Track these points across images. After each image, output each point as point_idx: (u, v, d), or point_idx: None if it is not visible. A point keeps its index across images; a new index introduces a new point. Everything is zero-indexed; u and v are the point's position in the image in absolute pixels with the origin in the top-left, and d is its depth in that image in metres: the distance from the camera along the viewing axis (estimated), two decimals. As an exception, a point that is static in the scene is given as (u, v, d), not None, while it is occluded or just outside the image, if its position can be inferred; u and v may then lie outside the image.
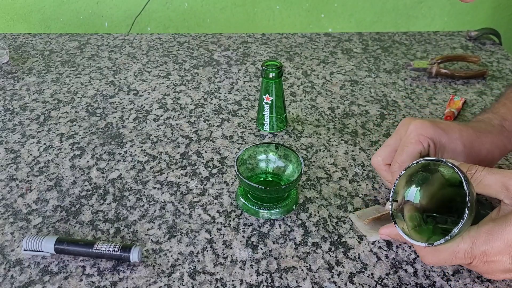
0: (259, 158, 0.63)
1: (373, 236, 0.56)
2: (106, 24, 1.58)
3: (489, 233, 0.44)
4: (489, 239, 0.44)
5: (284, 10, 1.60)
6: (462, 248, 0.45)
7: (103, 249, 0.52)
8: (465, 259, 0.45)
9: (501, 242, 0.43)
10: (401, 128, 0.56)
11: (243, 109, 0.82)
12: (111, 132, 0.76)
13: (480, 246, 0.44)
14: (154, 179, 0.66)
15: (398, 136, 0.56)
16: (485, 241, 0.44)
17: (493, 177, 0.46)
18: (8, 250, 0.55)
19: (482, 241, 0.44)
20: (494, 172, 0.46)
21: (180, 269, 0.53)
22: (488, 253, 0.44)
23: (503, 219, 0.44)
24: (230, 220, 0.59)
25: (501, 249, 0.43)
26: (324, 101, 0.84)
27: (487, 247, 0.44)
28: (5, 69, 0.94)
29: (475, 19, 1.62)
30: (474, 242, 0.44)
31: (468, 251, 0.45)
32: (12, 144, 0.73)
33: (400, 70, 0.95)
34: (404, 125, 0.56)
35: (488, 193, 0.47)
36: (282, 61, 0.98)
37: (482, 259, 0.45)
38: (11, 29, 1.56)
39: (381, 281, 0.51)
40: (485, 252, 0.44)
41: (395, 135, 0.57)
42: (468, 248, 0.44)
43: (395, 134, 0.57)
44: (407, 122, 0.55)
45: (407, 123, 0.55)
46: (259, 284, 0.51)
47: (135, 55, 1.00)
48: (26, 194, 0.63)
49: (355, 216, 0.59)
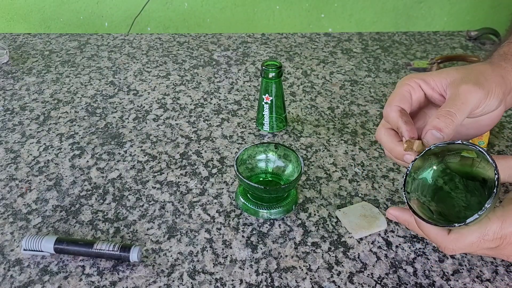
0: (259, 158, 0.63)
1: (358, 233, 0.57)
2: (106, 24, 1.58)
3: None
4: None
5: (284, 10, 1.60)
6: (491, 229, 0.43)
7: (103, 249, 0.52)
8: (494, 241, 0.44)
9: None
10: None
11: (243, 109, 0.82)
12: (111, 132, 0.76)
13: (510, 226, 0.43)
14: (154, 179, 0.66)
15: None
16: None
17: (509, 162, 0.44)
18: (8, 250, 0.55)
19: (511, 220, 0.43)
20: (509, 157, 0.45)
21: (179, 269, 0.53)
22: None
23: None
24: (230, 220, 0.59)
25: None
26: (324, 101, 0.84)
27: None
28: (5, 69, 0.94)
29: (475, 19, 1.62)
30: (504, 221, 0.43)
31: (498, 231, 0.43)
32: (12, 144, 0.73)
33: (400, 70, 0.95)
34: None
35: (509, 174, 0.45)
36: (282, 61, 0.98)
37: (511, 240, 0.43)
38: (11, 29, 1.56)
39: (380, 281, 0.51)
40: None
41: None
42: (497, 229, 0.43)
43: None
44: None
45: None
46: (258, 283, 0.51)
47: (135, 55, 1.00)
48: (26, 194, 0.63)
49: (341, 213, 0.60)
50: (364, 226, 0.58)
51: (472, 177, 0.48)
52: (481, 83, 0.47)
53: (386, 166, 0.68)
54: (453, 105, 0.47)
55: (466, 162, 0.47)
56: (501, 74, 0.50)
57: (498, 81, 0.49)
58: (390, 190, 0.64)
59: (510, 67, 0.51)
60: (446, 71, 0.50)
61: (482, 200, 0.46)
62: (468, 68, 0.50)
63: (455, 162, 0.47)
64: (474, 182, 0.48)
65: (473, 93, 0.47)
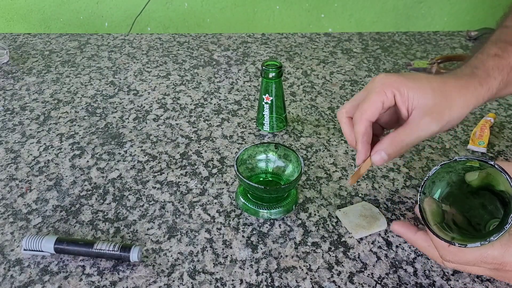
0: (259, 158, 0.63)
1: (359, 233, 0.57)
2: (106, 24, 1.59)
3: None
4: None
5: (284, 10, 1.60)
6: (491, 254, 0.44)
7: (103, 249, 0.52)
8: (492, 265, 0.44)
9: None
10: (370, 83, 0.54)
11: (243, 109, 0.82)
12: (111, 132, 0.76)
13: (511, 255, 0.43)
14: (154, 179, 0.66)
15: (365, 91, 0.54)
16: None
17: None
18: (8, 250, 0.55)
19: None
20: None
21: (180, 269, 0.53)
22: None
23: None
24: (230, 220, 0.59)
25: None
26: (324, 101, 0.84)
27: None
28: (5, 69, 0.94)
29: (475, 19, 1.62)
30: (506, 250, 0.43)
31: (498, 257, 0.43)
32: (12, 144, 0.73)
33: (400, 70, 0.95)
34: (372, 80, 0.54)
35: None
36: (282, 61, 0.98)
37: (511, 267, 0.44)
38: (11, 29, 1.56)
39: (381, 281, 0.51)
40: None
41: (363, 90, 0.55)
42: (498, 255, 0.43)
43: (363, 90, 0.55)
44: (375, 77, 0.54)
45: (375, 78, 0.53)
46: (259, 283, 0.51)
47: (135, 55, 1.00)
48: (26, 194, 0.63)
49: (341, 213, 0.60)
50: (364, 226, 0.58)
51: (490, 190, 0.48)
52: (444, 118, 0.50)
53: (386, 166, 0.68)
54: (410, 134, 0.50)
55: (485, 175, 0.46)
56: (471, 100, 0.52)
57: (464, 111, 0.52)
58: (390, 190, 0.64)
59: (485, 91, 0.53)
60: (423, 88, 0.51)
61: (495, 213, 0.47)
62: (444, 94, 0.51)
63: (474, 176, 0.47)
64: (491, 195, 0.48)
65: (431, 129, 0.50)
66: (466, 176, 0.47)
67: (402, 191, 0.64)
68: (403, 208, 0.61)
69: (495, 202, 0.48)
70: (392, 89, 0.51)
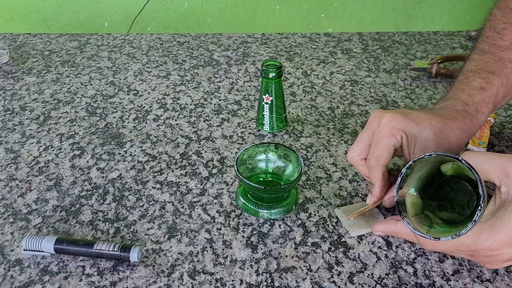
0: (259, 158, 0.63)
1: (355, 231, 0.57)
2: (106, 24, 1.59)
3: (492, 228, 0.44)
4: (492, 234, 0.44)
5: (284, 10, 1.60)
6: (464, 242, 0.46)
7: (103, 249, 0.52)
8: (466, 252, 0.46)
9: (504, 235, 0.44)
10: (373, 122, 0.57)
11: (243, 109, 0.82)
12: (111, 132, 0.76)
13: (483, 241, 0.45)
14: (154, 179, 0.66)
15: (370, 130, 0.57)
16: (488, 236, 0.44)
17: (492, 162, 0.46)
18: (8, 250, 0.55)
19: (485, 237, 0.44)
20: (492, 157, 0.46)
21: (180, 269, 0.53)
22: (491, 247, 0.45)
23: (503, 211, 0.44)
24: (230, 220, 0.59)
25: (504, 243, 0.44)
26: (324, 101, 0.84)
27: (490, 242, 0.44)
28: (5, 69, 0.94)
29: (475, 19, 1.61)
30: (478, 237, 0.45)
31: (471, 245, 0.45)
32: (12, 144, 0.73)
33: (400, 70, 0.95)
34: (375, 117, 0.57)
35: (486, 178, 0.47)
36: (282, 61, 0.98)
37: (485, 253, 0.45)
38: (11, 29, 1.56)
39: (381, 281, 0.51)
40: (489, 247, 0.45)
41: (367, 129, 0.58)
42: (471, 243, 0.45)
43: (367, 128, 0.58)
44: (378, 115, 0.56)
45: (378, 116, 0.56)
46: (259, 284, 0.51)
47: (135, 55, 1.00)
48: (26, 194, 0.63)
49: (340, 211, 0.60)
50: (362, 225, 0.58)
51: (464, 178, 0.51)
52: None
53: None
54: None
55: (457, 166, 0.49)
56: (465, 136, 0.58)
57: (456, 152, 0.57)
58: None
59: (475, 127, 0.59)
60: (425, 134, 0.55)
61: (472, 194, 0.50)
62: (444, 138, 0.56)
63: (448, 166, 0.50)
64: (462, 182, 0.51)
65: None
66: (441, 167, 0.50)
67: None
68: (403, 208, 0.61)
69: (470, 185, 0.51)
70: (401, 133, 0.54)
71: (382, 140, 0.54)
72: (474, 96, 0.59)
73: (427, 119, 0.55)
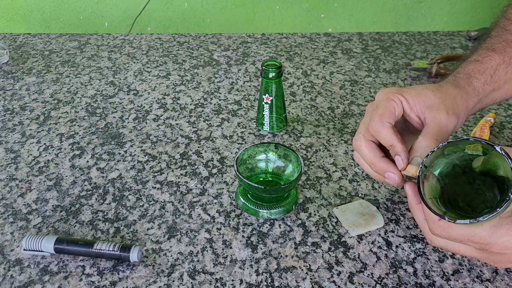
0: (259, 158, 0.63)
1: (355, 231, 0.57)
2: (106, 24, 1.59)
3: (511, 224, 0.43)
4: (510, 231, 0.43)
5: (284, 10, 1.60)
6: (479, 233, 0.44)
7: (103, 249, 0.52)
8: (478, 244, 0.45)
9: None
10: (370, 105, 0.55)
11: (243, 109, 0.82)
12: (111, 132, 0.76)
13: (500, 237, 0.43)
14: (154, 179, 0.66)
15: (369, 113, 0.55)
16: (506, 232, 0.43)
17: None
18: (8, 250, 0.55)
19: (503, 232, 0.43)
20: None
21: (179, 269, 0.53)
22: (506, 244, 0.43)
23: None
24: (230, 220, 0.59)
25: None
26: (324, 101, 0.84)
27: (506, 238, 0.43)
28: (5, 69, 0.94)
29: (475, 19, 1.62)
30: (494, 231, 0.44)
31: (486, 238, 0.44)
32: (12, 144, 0.73)
33: (400, 70, 0.95)
34: (370, 104, 0.56)
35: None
36: (282, 61, 0.98)
37: (498, 249, 0.44)
38: (11, 29, 1.56)
39: (380, 281, 0.51)
40: (504, 243, 0.43)
41: (367, 113, 0.56)
42: (486, 235, 0.44)
43: (367, 113, 0.56)
44: (377, 93, 0.55)
45: (377, 94, 0.55)
46: (258, 284, 0.51)
47: (135, 55, 1.00)
48: (26, 194, 0.63)
49: (339, 210, 0.60)
50: (361, 224, 0.58)
51: (491, 175, 0.48)
52: (455, 111, 0.52)
53: (386, 166, 0.68)
54: (438, 133, 0.50)
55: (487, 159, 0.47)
56: (466, 100, 0.55)
57: (465, 108, 0.54)
58: (390, 190, 0.64)
59: (471, 90, 0.56)
60: (424, 92, 0.53)
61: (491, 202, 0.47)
62: (442, 92, 0.53)
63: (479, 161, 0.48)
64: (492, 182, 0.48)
65: (452, 122, 0.51)
66: (473, 163, 0.48)
67: (402, 191, 0.64)
68: (403, 208, 0.61)
69: (494, 189, 0.48)
70: (398, 96, 0.52)
71: (380, 104, 0.52)
72: (466, 66, 0.58)
73: (420, 86, 0.54)
